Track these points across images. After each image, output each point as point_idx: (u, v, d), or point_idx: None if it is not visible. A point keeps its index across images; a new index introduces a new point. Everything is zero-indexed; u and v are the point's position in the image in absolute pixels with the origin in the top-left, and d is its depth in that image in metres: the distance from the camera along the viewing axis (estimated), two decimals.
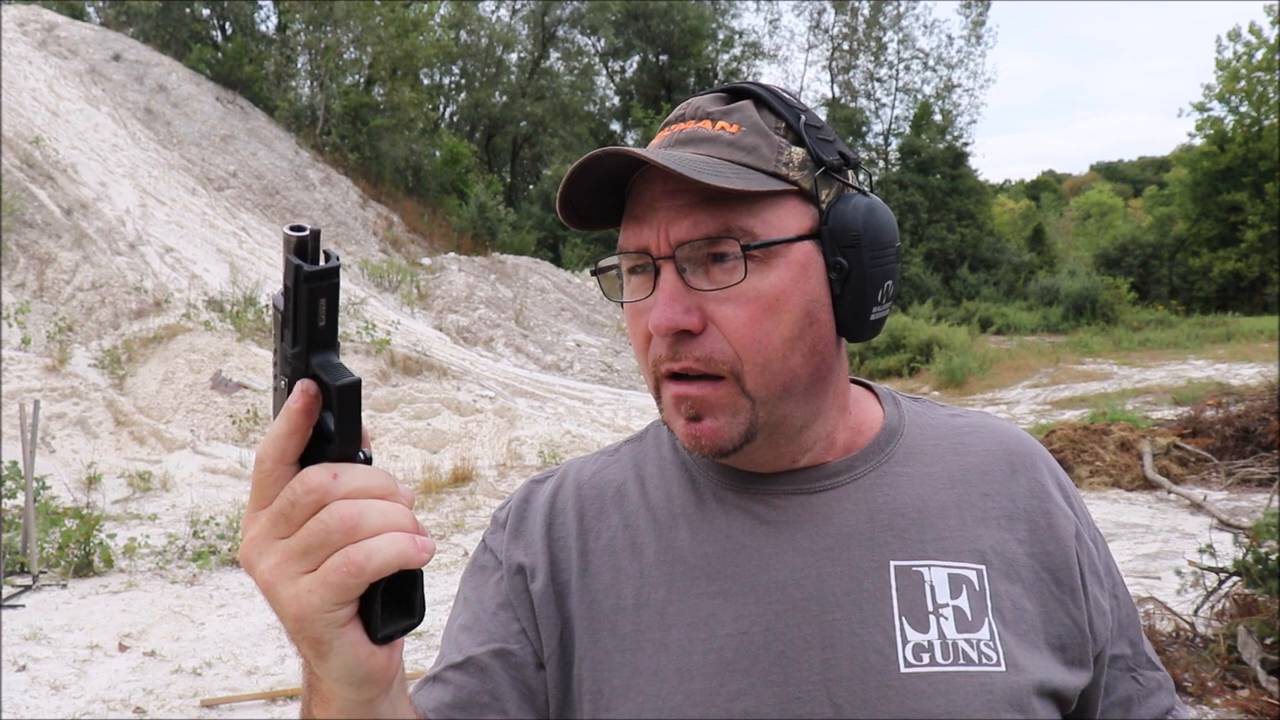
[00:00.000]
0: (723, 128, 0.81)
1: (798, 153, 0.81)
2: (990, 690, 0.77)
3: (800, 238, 0.80)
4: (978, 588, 0.81)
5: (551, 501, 0.90)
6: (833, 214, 0.81)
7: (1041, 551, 0.85)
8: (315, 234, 0.56)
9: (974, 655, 0.78)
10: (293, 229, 0.55)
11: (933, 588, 0.80)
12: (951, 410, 0.96)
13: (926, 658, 0.78)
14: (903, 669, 0.77)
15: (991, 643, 0.79)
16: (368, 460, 0.58)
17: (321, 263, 0.55)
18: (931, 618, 0.79)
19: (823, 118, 0.85)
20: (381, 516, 0.56)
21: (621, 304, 0.85)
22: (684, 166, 0.75)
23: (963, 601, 0.80)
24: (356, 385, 0.56)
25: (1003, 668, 0.78)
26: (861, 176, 0.90)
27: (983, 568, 0.82)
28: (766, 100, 0.83)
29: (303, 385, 0.56)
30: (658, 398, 0.83)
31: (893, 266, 0.84)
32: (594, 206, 0.83)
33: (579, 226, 0.85)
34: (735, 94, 0.85)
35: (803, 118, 0.83)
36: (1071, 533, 0.87)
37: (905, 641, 0.78)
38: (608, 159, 0.77)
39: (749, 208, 0.78)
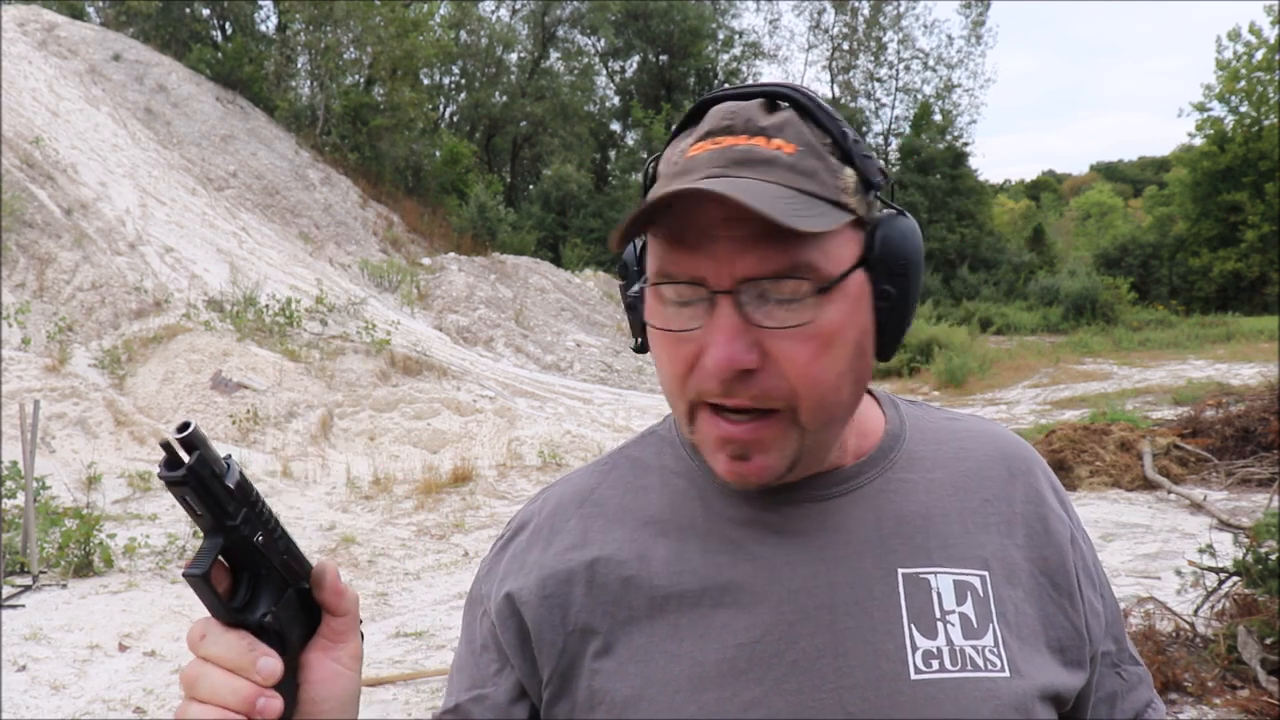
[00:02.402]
0: (779, 146, 0.75)
1: (849, 175, 0.77)
2: (997, 696, 0.78)
3: (854, 268, 0.76)
4: (981, 594, 0.82)
5: (550, 520, 0.88)
6: (882, 240, 0.78)
7: (1039, 557, 0.86)
8: (186, 439, 0.62)
9: (980, 662, 0.79)
10: (179, 428, 0.62)
11: (939, 595, 0.80)
12: (947, 414, 0.95)
13: (936, 664, 0.78)
14: (913, 675, 0.77)
15: (995, 649, 0.80)
16: (258, 624, 0.67)
17: (184, 463, 0.62)
18: (939, 624, 0.79)
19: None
20: (209, 689, 0.66)
21: (652, 326, 0.78)
22: (762, 202, 0.69)
23: (968, 608, 0.81)
24: (192, 577, 0.65)
25: (1007, 674, 0.79)
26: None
27: (986, 574, 0.83)
28: (811, 111, 0.77)
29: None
30: (689, 424, 0.79)
31: (921, 284, 0.81)
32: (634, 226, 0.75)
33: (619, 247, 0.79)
34: (773, 99, 0.78)
35: (847, 132, 0.77)
36: (1067, 538, 0.88)
37: (915, 648, 0.78)
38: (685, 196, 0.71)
39: (815, 241, 0.73)
